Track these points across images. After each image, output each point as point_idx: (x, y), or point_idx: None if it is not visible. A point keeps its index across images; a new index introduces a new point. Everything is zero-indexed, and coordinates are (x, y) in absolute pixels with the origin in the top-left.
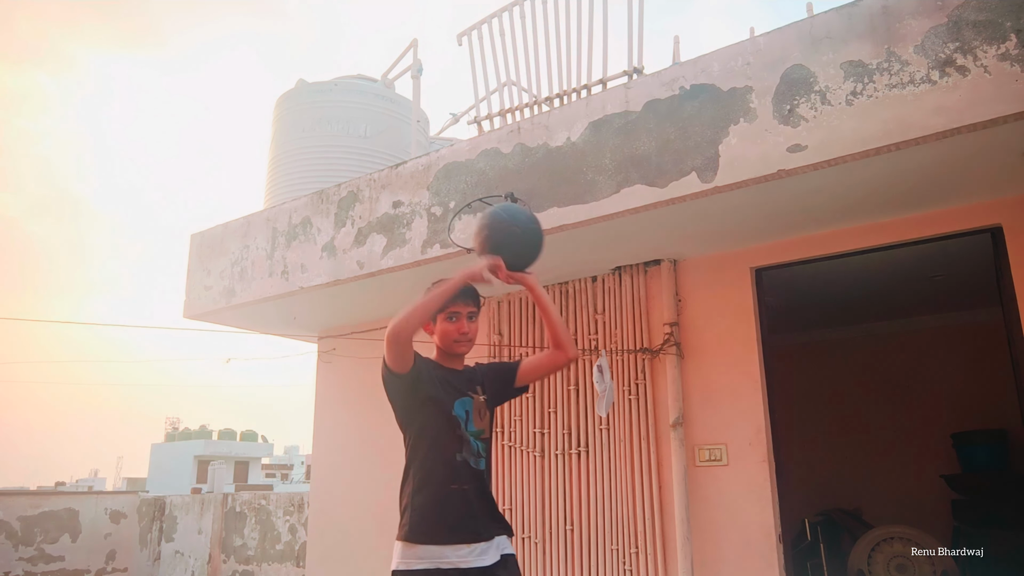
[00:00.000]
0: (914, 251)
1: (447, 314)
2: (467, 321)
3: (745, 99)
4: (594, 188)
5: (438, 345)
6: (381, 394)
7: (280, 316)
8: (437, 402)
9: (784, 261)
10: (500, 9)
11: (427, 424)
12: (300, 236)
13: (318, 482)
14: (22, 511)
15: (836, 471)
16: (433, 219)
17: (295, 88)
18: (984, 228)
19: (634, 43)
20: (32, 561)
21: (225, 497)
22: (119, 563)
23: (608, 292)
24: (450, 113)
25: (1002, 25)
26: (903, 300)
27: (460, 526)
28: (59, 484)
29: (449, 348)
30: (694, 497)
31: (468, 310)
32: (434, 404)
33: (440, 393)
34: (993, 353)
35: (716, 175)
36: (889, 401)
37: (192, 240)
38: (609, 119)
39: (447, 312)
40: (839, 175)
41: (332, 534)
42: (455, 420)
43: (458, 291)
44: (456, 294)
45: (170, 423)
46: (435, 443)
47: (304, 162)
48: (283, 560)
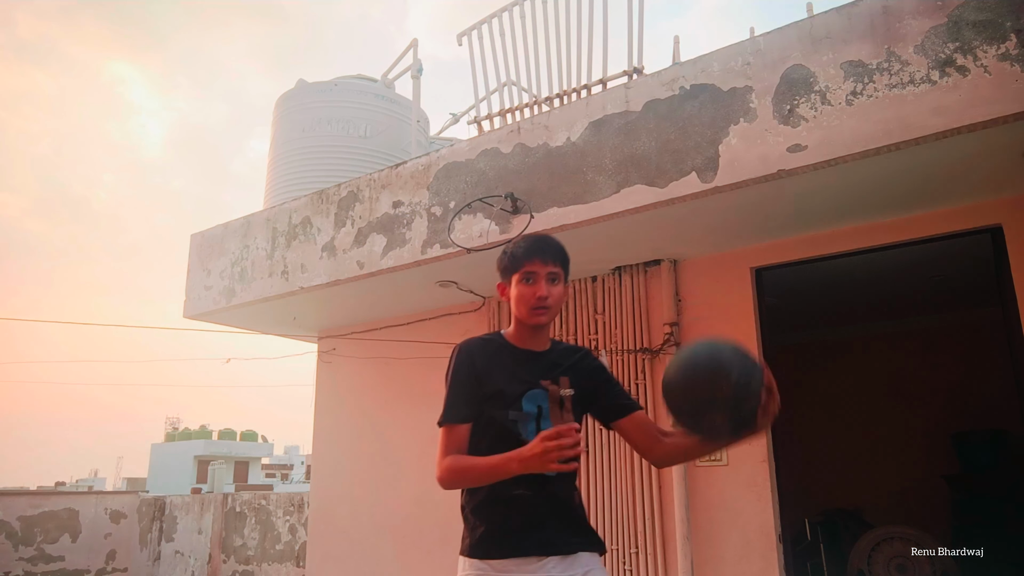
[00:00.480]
0: (914, 251)
1: (522, 274)
2: (547, 284)
3: (745, 99)
4: (594, 188)
5: (514, 315)
6: (381, 394)
7: (280, 316)
8: (502, 396)
9: (784, 261)
10: (500, 9)
11: (491, 420)
12: (300, 236)
13: (318, 482)
14: (22, 511)
15: (836, 471)
16: (433, 219)
17: (295, 88)
18: (984, 228)
19: (634, 43)
20: (32, 561)
21: (225, 497)
22: (119, 563)
23: (608, 292)
24: (450, 113)
25: (1002, 25)
26: (903, 300)
27: (523, 538)
28: (59, 484)
29: (525, 317)
30: (694, 497)
31: (548, 270)
32: (499, 398)
33: (505, 384)
34: (993, 353)
35: (716, 175)
36: (889, 401)
37: (192, 240)
38: (609, 119)
39: (522, 272)
40: (839, 175)
41: (332, 534)
42: (524, 416)
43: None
44: (529, 249)
45: (170, 423)
46: (496, 442)
47: (304, 162)
48: (283, 560)
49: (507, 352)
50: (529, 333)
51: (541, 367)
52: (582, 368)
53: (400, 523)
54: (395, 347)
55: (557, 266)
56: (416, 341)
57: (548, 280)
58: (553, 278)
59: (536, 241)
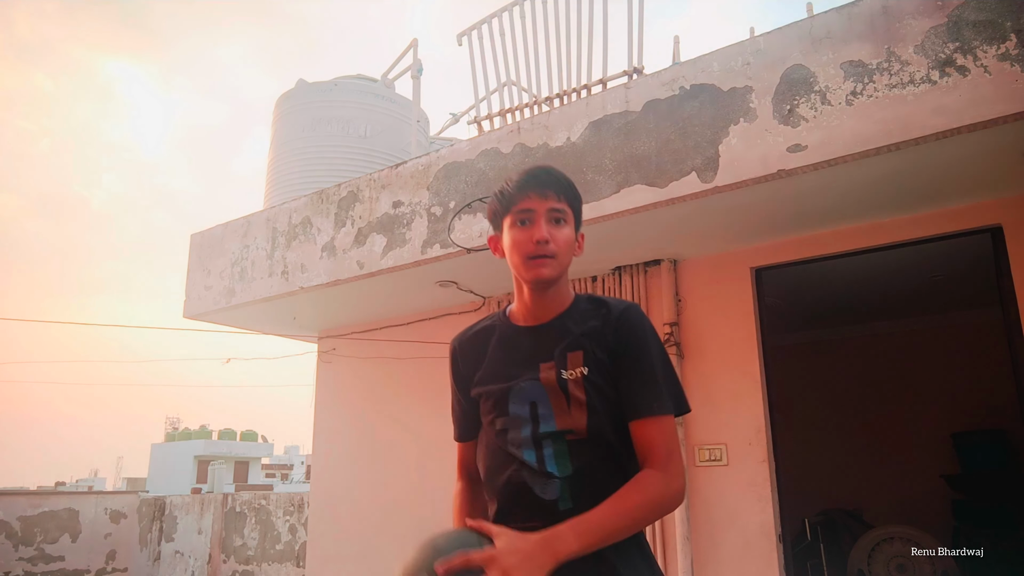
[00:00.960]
0: (914, 251)
1: (514, 217)
2: (547, 224)
3: (745, 99)
4: (594, 188)
5: (514, 275)
6: (381, 394)
7: (280, 316)
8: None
9: (784, 261)
10: (500, 9)
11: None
12: (300, 236)
13: (318, 482)
14: (22, 511)
15: (836, 471)
16: (433, 219)
17: (295, 88)
18: (984, 228)
19: (634, 43)
20: (32, 561)
21: (225, 497)
22: (119, 563)
23: (608, 292)
24: (450, 113)
25: (1002, 25)
26: (903, 300)
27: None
28: (59, 484)
29: (522, 271)
30: (694, 497)
31: (548, 206)
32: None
33: (489, 383)
34: (993, 353)
35: (716, 175)
36: (889, 401)
37: (192, 240)
38: (609, 119)
39: (513, 214)
40: (839, 175)
41: (332, 534)
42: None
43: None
44: (522, 182)
45: (170, 423)
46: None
47: (304, 162)
48: (283, 560)
49: (500, 337)
50: (534, 300)
51: (542, 344)
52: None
53: (400, 523)
54: (395, 347)
55: (561, 201)
56: (416, 341)
57: (549, 220)
58: (556, 217)
59: (533, 171)
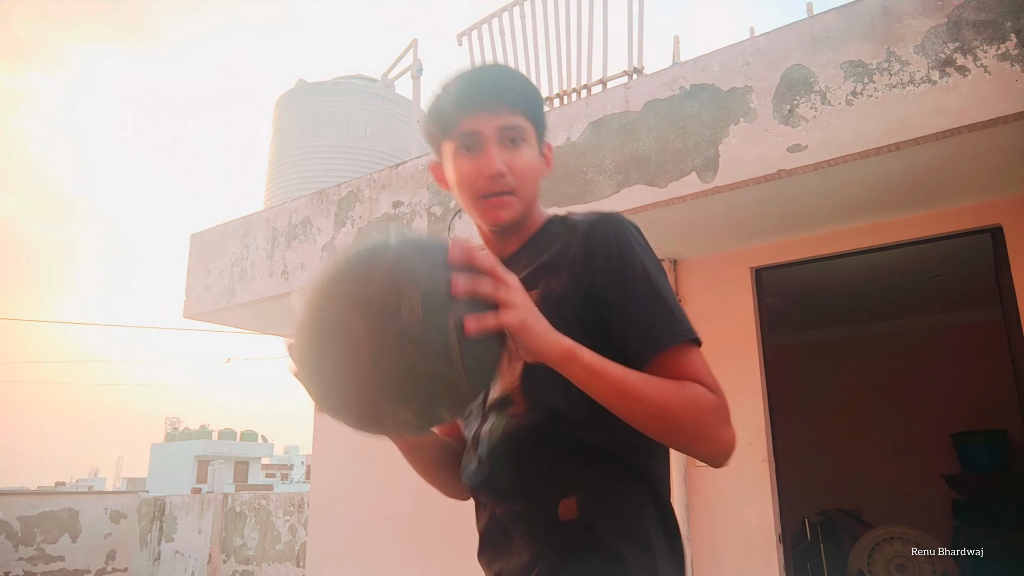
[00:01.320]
0: (914, 251)
1: (456, 143)
2: (500, 149)
3: (745, 99)
4: (594, 188)
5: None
6: None
7: (280, 316)
8: None
9: (784, 261)
10: (500, 9)
11: None
12: (300, 236)
13: (318, 482)
14: (22, 511)
15: (836, 471)
16: (433, 219)
17: (295, 88)
18: (984, 228)
19: (634, 43)
20: (32, 561)
21: (225, 497)
22: (119, 563)
23: None
24: None
25: (1002, 25)
26: (903, 300)
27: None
28: (59, 484)
29: (476, 216)
30: (694, 497)
31: (499, 123)
32: None
33: None
34: (993, 353)
35: (716, 175)
36: (889, 401)
37: (192, 240)
38: (609, 119)
39: (455, 140)
40: (839, 175)
41: (332, 534)
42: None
43: None
44: (462, 94)
45: (170, 423)
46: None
47: (304, 162)
48: (283, 560)
49: None
50: (494, 237)
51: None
52: (572, 259)
53: (400, 523)
54: None
55: (516, 115)
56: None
57: (503, 141)
58: (512, 136)
59: (474, 78)
